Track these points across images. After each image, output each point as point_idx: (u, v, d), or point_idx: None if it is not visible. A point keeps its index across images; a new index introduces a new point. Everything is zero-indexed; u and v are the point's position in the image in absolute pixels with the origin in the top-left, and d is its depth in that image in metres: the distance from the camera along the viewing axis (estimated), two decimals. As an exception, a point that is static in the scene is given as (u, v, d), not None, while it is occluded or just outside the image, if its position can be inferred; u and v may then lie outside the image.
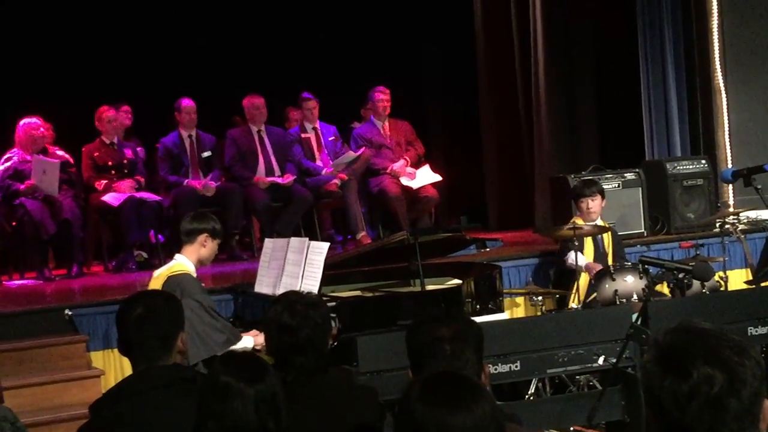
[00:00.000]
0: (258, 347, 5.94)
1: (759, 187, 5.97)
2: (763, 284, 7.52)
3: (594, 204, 7.82)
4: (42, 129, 9.20)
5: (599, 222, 7.90)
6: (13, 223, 9.05)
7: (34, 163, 8.94)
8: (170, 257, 6.23)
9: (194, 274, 5.86)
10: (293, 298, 3.77)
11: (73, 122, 10.14)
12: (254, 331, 6.09)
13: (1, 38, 10.59)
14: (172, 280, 5.74)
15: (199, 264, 5.96)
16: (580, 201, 7.90)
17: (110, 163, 9.62)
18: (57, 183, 8.96)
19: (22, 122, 9.19)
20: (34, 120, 9.20)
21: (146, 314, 3.44)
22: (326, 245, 6.32)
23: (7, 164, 9.12)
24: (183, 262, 5.87)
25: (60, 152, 9.43)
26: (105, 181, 9.50)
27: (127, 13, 11.25)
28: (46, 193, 8.93)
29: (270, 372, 2.88)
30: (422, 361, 3.10)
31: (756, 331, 5.93)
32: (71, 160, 9.48)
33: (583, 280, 7.64)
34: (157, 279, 5.87)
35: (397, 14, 12.43)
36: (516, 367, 5.40)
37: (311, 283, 6.12)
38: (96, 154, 9.62)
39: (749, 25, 10.21)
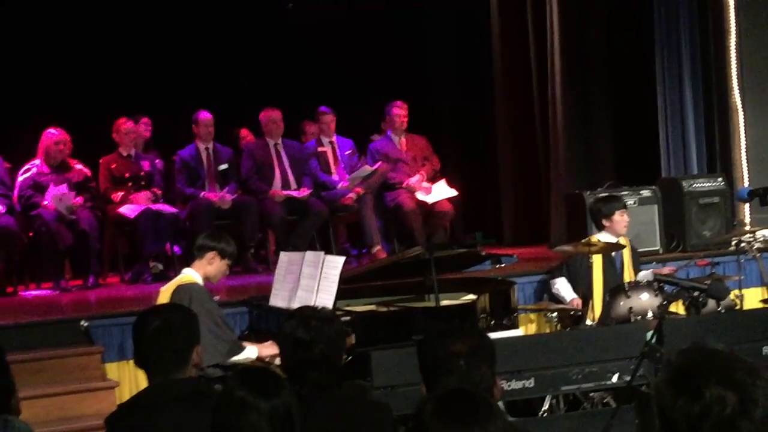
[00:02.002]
0: (264, 358, 6.02)
1: (775, 206, 5.97)
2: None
3: (623, 218, 7.86)
4: (62, 144, 9.25)
5: (612, 239, 7.89)
6: (30, 234, 9.09)
7: (51, 199, 8.97)
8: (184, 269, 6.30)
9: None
10: (308, 313, 3.79)
11: (92, 133, 10.18)
12: (266, 343, 6.15)
13: (24, 49, 10.67)
14: (181, 289, 5.86)
15: (206, 280, 6.06)
16: (611, 215, 7.87)
17: (127, 175, 9.67)
18: (72, 206, 8.99)
19: (45, 132, 9.26)
20: (55, 133, 9.25)
21: (162, 328, 3.46)
22: (342, 259, 6.35)
23: (26, 175, 9.19)
24: (191, 275, 6.00)
25: (79, 166, 9.47)
26: (122, 193, 9.55)
27: (147, 26, 11.31)
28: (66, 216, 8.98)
29: (285, 387, 2.90)
30: (436, 376, 3.11)
31: (771, 351, 5.92)
32: (89, 174, 9.52)
33: (598, 297, 7.64)
34: (165, 291, 5.97)
35: (414, 30, 12.46)
36: (530, 383, 5.40)
37: (326, 297, 6.14)
38: (113, 165, 9.67)
39: (767, 44, 10.19)
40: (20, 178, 9.22)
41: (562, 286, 7.92)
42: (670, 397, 2.13)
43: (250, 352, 5.99)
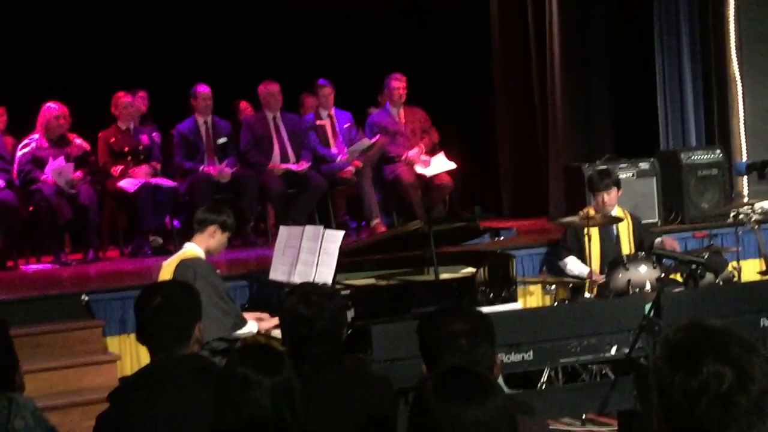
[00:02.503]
0: (262, 332, 6.07)
1: (773, 179, 5.98)
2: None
3: (609, 197, 7.81)
4: (61, 119, 9.25)
5: (615, 212, 7.90)
6: (30, 208, 9.11)
7: (51, 173, 8.98)
8: (185, 243, 6.33)
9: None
10: (308, 289, 3.81)
11: (90, 107, 10.18)
12: (261, 315, 6.20)
13: (24, 24, 10.66)
14: (184, 264, 5.89)
15: (208, 254, 6.10)
16: (596, 194, 7.89)
17: (126, 148, 9.67)
18: (72, 181, 9.00)
19: (45, 106, 9.26)
20: (55, 107, 9.25)
21: (164, 304, 3.49)
22: (341, 233, 6.38)
23: (26, 150, 9.20)
24: (194, 249, 6.03)
25: (78, 140, 9.47)
26: (121, 167, 9.55)
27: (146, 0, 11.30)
28: (65, 190, 9.00)
29: (287, 363, 2.93)
30: (437, 355, 3.12)
31: (768, 323, 5.95)
32: (89, 148, 9.53)
33: (596, 269, 7.67)
34: (168, 266, 6.00)
35: (413, 2, 12.44)
36: (529, 356, 5.42)
37: (326, 271, 6.17)
38: (112, 140, 9.67)
39: (765, 15, 10.18)
40: (19, 153, 9.22)
41: (574, 264, 7.87)
42: (668, 374, 2.16)
43: (252, 326, 6.05)
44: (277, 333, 6.08)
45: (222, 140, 10.05)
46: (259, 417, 2.80)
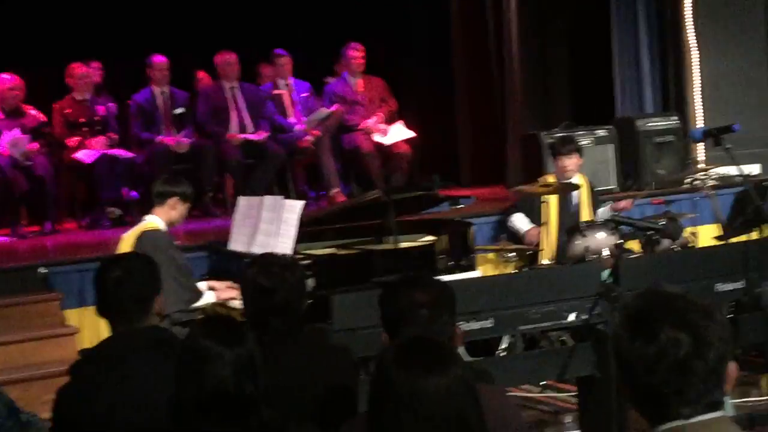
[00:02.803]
0: (222, 301, 6.08)
1: (729, 146, 6.03)
2: (731, 240, 7.63)
3: (570, 162, 7.86)
4: (16, 90, 9.14)
5: (575, 179, 7.95)
6: (-15, 181, 9.02)
7: (6, 145, 8.88)
8: (143, 214, 6.31)
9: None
10: (269, 260, 3.82)
11: (44, 78, 10.06)
12: (215, 284, 6.20)
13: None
14: (145, 235, 5.87)
15: (169, 225, 6.09)
16: (558, 159, 7.94)
17: (82, 120, 9.58)
18: (28, 152, 8.91)
19: (-3, 78, 9.17)
20: (8, 78, 9.14)
21: (124, 276, 3.48)
22: (301, 203, 6.38)
23: (-21, 122, 9.10)
24: (155, 221, 6.01)
25: (33, 111, 9.36)
26: (77, 138, 9.46)
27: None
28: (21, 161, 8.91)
29: (248, 335, 2.93)
30: (399, 325, 3.13)
31: (724, 288, 6.01)
32: (44, 119, 9.43)
33: (553, 236, 7.72)
34: (128, 238, 5.98)
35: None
36: (489, 324, 5.43)
37: (286, 241, 6.17)
38: (68, 110, 9.57)
39: (720, -17, 10.25)
40: (-28, 124, 9.11)
41: (518, 220, 7.96)
42: (627, 340, 2.18)
43: (209, 296, 6.07)
44: (235, 303, 6.09)
45: (179, 111, 9.98)
46: (221, 389, 2.80)
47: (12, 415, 3.58)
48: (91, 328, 7.10)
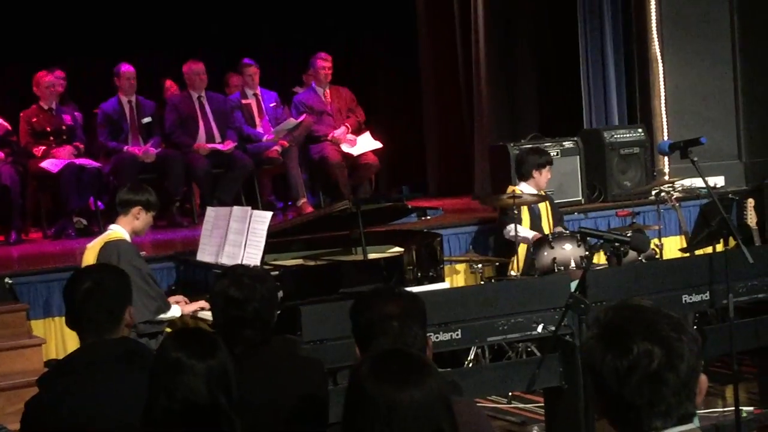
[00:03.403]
0: (186, 314, 6.06)
1: (695, 159, 6.08)
2: (697, 252, 7.69)
3: (549, 174, 7.99)
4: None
5: (533, 191, 8.01)
6: (-50, 190, 8.94)
7: None
8: (110, 224, 6.27)
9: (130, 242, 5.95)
10: (240, 271, 3.81)
11: (9, 87, 10.01)
12: (181, 298, 6.19)
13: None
14: (109, 246, 5.85)
15: (134, 234, 6.07)
16: (538, 171, 7.98)
17: (48, 128, 9.53)
18: None
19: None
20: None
21: (94, 288, 3.45)
22: (269, 214, 6.36)
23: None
24: (119, 230, 5.98)
25: (-1, 120, 9.32)
26: (44, 147, 9.41)
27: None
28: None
29: (221, 347, 2.92)
30: (370, 338, 3.13)
31: (690, 299, 6.07)
32: (10, 128, 9.36)
33: (522, 248, 7.75)
34: (92, 248, 5.95)
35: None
36: (457, 335, 5.46)
37: (254, 252, 6.15)
38: (34, 119, 9.52)
39: (685, -4, 10.33)
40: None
41: (521, 229, 7.79)
42: (599, 353, 2.19)
43: (175, 310, 6.05)
44: (203, 315, 6.07)
45: (146, 120, 9.95)
46: (194, 401, 2.79)
47: (-17, 427, 3.56)
48: (57, 338, 7.09)
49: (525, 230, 7.88)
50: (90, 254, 5.88)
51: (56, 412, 3.26)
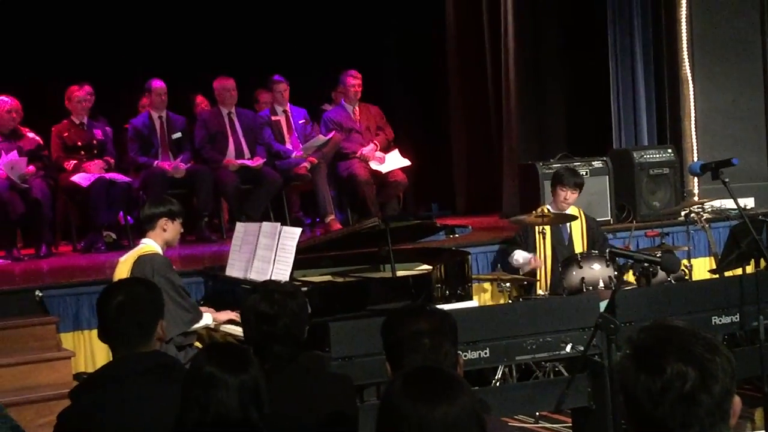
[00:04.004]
0: (215, 324, 6.09)
1: (726, 180, 6.05)
2: (726, 274, 7.65)
3: (573, 196, 7.95)
4: (14, 113, 9.14)
5: (569, 210, 7.99)
6: (-19, 203, 9.00)
7: (4, 167, 8.88)
8: (139, 238, 6.31)
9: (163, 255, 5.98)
10: (271, 287, 3.82)
11: (41, 101, 10.08)
12: (211, 309, 6.22)
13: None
14: (142, 259, 5.86)
15: (166, 246, 6.09)
16: (561, 189, 7.96)
17: (80, 143, 9.59)
18: (25, 175, 8.91)
19: (-5, 100, 9.17)
20: (7, 100, 9.13)
21: (126, 302, 3.47)
22: (298, 230, 6.38)
23: (-23, 143, 9.10)
24: (151, 244, 6.01)
25: (31, 134, 9.36)
26: (74, 162, 9.48)
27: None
28: (18, 184, 8.90)
29: (253, 362, 2.94)
30: (401, 355, 3.12)
31: (720, 321, 6.02)
32: (41, 142, 9.43)
33: (548, 266, 7.73)
34: (125, 262, 5.97)
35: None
36: (485, 354, 5.44)
37: (283, 268, 6.16)
38: (65, 134, 9.58)
39: (717, 16, 10.31)
40: (-31, 146, 9.12)
41: (520, 254, 7.99)
42: (633, 373, 2.18)
43: (207, 318, 6.09)
44: (232, 328, 6.09)
45: (176, 135, 10.00)
46: (226, 416, 2.81)
47: (17, 438, 3.58)
48: (86, 352, 7.12)
49: (521, 255, 7.93)
50: (123, 268, 5.90)
51: (88, 425, 3.28)
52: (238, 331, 5.86)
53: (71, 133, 9.59)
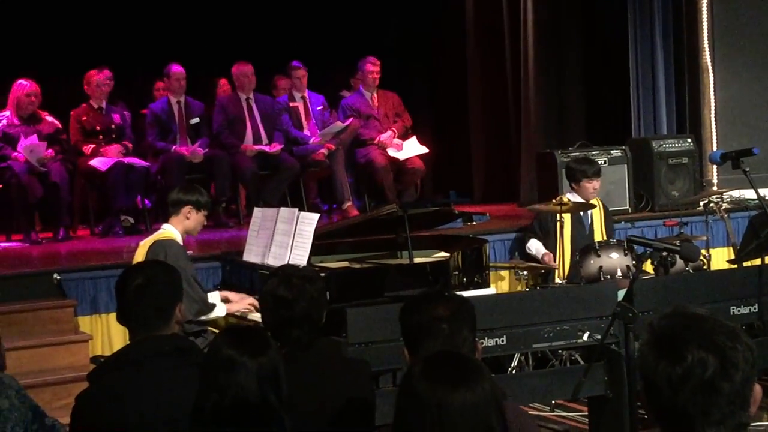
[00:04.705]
0: (232, 313, 6.08)
1: (747, 169, 6.02)
2: (745, 264, 7.61)
3: (598, 184, 8.00)
4: (32, 96, 9.16)
5: (581, 200, 7.98)
6: (0, 186, 9.04)
7: (22, 150, 8.92)
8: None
9: (180, 242, 5.97)
10: (289, 271, 3.82)
11: (60, 85, 10.10)
12: (229, 295, 6.20)
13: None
14: (157, 244, 5.87)
15: (186, 234, 6.09)
16: (585, 182, 7.95)
17: (98, 127, 9.62)
18: (43, 158, 8.94)
19: (16, 83, 9.17)
20: (26, 84, 9.16)
21: (145, 284, 3.47)
22: (316, 216, 6.38)
23: (-3, 126, 9.13)
24: (170, 230, 6.00)
25: (50, 118, 9.39)
26: (93, 146, 9.50)
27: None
28: (36, 168, 8.94)
29: (272, 346, 2.94)
30: (419, 340, 3.13)
31: (738, 311, 5.99)
32: (60, 126, 9.46)
33: (566, 255, 7.72)
34: (144, 246, 5.99)
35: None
36: (502, 341, 5.43)
37: (300, 254, 6.17)
38: (84, 118, 9.61)
39: (738, 5, 10.25)
40: (-11, 130, 9.15)
41: (534, 246, 8.02)
42: (653, 360, 2.18)
43: (220, 309, 6.05)
44: (252, 316, 6.08)
45: (195, 121, 10.01)
46: (244, 399, 2.81)
47: (37, 419, 3.59)
48: (103, 335, 7.16)
49: (537, 246, 7.92)
50: (141, 251, 5.92)
51: (106, 407, 3.28)
52: (256, 317, 5.86)
53: (90, 118, 9.61)
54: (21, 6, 10.73)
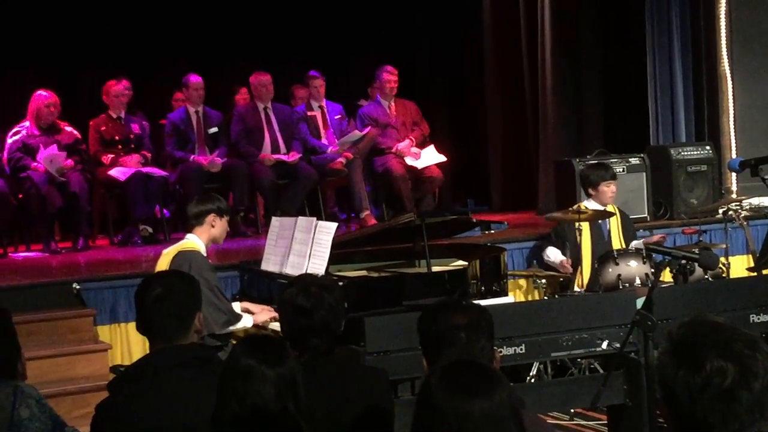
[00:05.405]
0: (258, 324, 6.07)
1: (766, 177, 6.00)
2: (764, 272, 7.58)
3: (615, 188, 7.95)
4: (52, 107, 9.21)
5: (600, 207, 7.95)
6: (20, 196, 9.09)
7: (42, 161, 8.97)
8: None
9: (204, 253, 5.97)
10: (308, 280, 3.82)
11: (79, 95, 10.16)
12: (252, 307, 6.20)
13: (14, 9, 10.59)
14: (181, 255, 5.87)
15: (211, 243, 6.11)
16: (603, 186, 7.92)
17: (117, 137, 9.66)
18: (63, 168, 8.99)
19: (35, 94, 9.23)
20: (45, 95, 9.21)
21: (165, 294, 3.48)
22: (334, 225, 6.38)
23: (16, 137, 9.18)
24: (194, 241, 6.00)
25: (69, 128, 9.44)
26: (112, 156, 9.55)
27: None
28: (56, 178, 8.99)
29: (290, 355, 2.95)
30: (438, 349, 3.14)
31: (758, 319, 5.97)
32: (79, 136, 9.50)
33: (586, 264, 7.70)
34: (167, 255, 5.98)
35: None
36: (521, 350, 5.43)
37: (318, 263, 6.17)
38: (103, 128, 9.66)
39: (756, 11, 10.23)
40: (9, 141, 9.20)
41: (552, 253, 7.99)
42: (672, 369, 2.17)
43: (247, 321, 6.03)
44: (273, 326, 6.08)
45: (213, 130, 10.05)
46: (263, 408, 2.81)
47: (57, 428, 3.61)
48: (122, 344, 7.18)
49: (555, 253, 7.89)
50: (164, 261, 5.91)
51: (125, 417, 3.29)
52: (276, 327, 5.86)
53: (109, 128, 9.66)
54: (42, 16, 10.78)
